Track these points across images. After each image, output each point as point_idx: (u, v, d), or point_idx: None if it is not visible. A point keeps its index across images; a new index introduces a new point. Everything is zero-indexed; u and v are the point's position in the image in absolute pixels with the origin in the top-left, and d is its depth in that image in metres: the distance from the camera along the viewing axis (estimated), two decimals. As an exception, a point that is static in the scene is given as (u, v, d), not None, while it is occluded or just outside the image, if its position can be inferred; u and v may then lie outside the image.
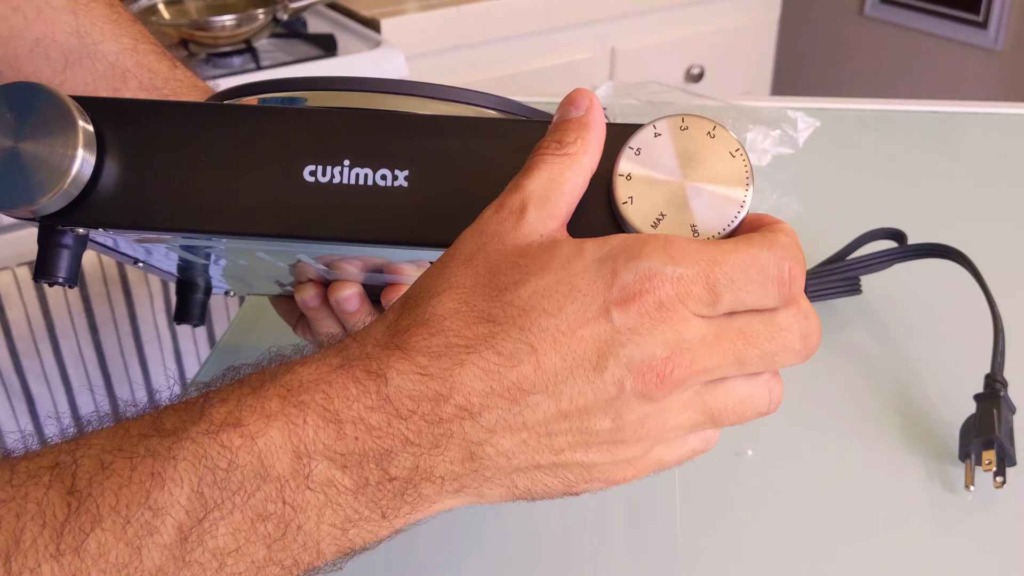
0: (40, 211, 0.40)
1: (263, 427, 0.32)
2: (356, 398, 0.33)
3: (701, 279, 0.33)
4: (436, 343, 0.33)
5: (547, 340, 0.33)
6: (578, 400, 0.33)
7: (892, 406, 0.62)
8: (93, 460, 0.31)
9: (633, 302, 0.33)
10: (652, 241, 0.34)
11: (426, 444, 0.33)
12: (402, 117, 0.40)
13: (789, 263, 0.34)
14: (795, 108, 0.98)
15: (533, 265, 0.34)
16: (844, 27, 2.27)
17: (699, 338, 0.34)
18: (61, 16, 0.60)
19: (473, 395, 0.33)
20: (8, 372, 1.19)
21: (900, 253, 0.71)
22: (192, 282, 0.59)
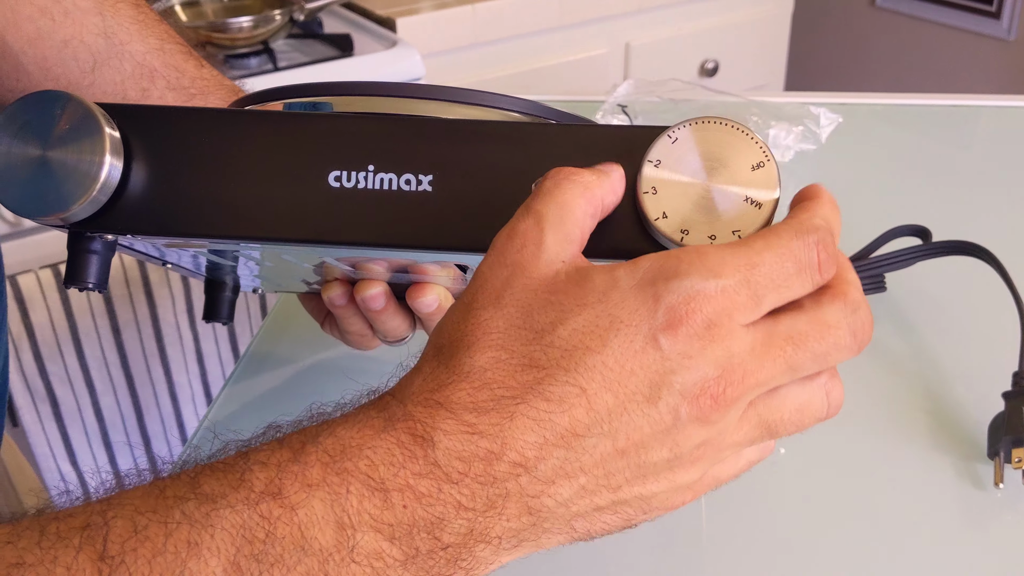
0: (70, 218, 0.40)
1: (304, 497, 0.30)
2: (402, 464, 0.31)
3: (744, 286, 0.32)
4: (481, 397, 0.32)
5: (596, 379, 0.31)
6: (634, 435, 0.32)
7: (920, 404, 0.61)
8: (126, 522, 0.30)
9: (681, 325, 0.31)
10: (686, 257, 0.32)
11: (480, 507, 0.31)
12: (426, 122, 0.40)
13: (817, 247, 0.33)
14: (817, 104, 0.98)
15: (568, 301, 0.33)
16: (857, 19, 2.26)
17: (748, 350, 0.32)
18: (88, 17, 0.60)
19: (527, 448, 0.31)
20: (32, 375, 1.19)
21: (924, 250, 0.70)
22: (220, 281, 0.59)
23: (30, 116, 0.39)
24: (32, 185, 0.39)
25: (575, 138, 0.39)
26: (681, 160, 0.37)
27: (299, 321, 0.68)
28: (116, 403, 1.29)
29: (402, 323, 0.55)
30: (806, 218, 0.34)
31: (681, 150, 0.37)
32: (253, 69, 1.44)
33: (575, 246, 0.35)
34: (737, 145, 0.37)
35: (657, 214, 0.36)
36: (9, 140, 0.39)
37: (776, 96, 1.06)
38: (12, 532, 0.30)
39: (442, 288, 0.53)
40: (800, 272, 0.33)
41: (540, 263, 0.34)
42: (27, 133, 0.39)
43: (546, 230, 0.34)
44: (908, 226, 0.73)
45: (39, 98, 0.40)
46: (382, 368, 0.66)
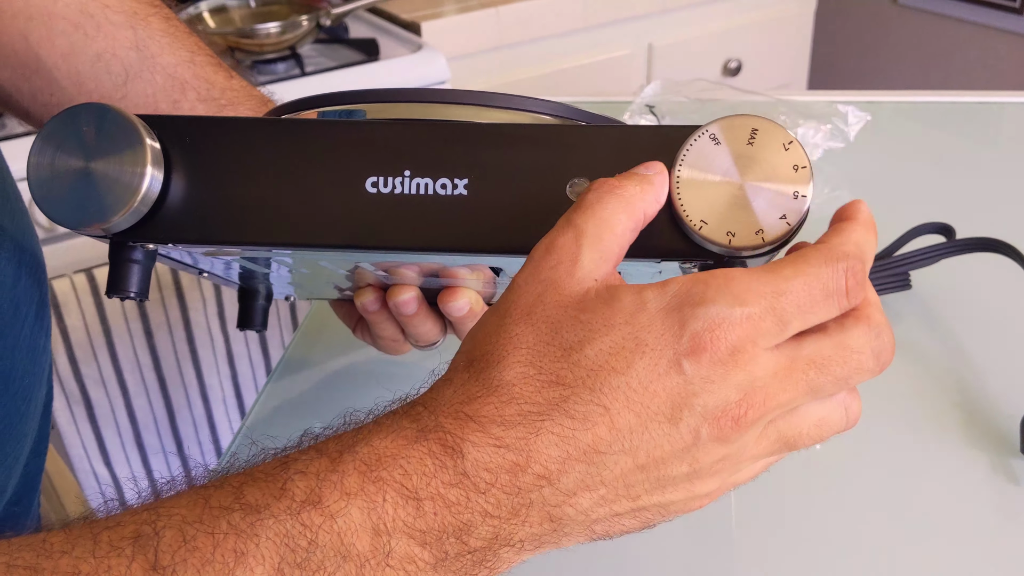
0: (112, 229, 0.41)
1: (343, 506, 0.32)
2: (434, 474, 0.32)
3: (769, 313, 0.33)
4: (509, 412, 0.33)
5: (619, 399, 0.33)
6: (655, 453, 0.33)
7: (951, 400, 0.61)
8: (175, 532, 0.31)
9: (705, 351, 0.32)
10: (713, 282, 0.33)
11: (505, 514, 0.33)
12: (460, 126, 0.41)
13: (846, 275, 0.34)
14: (846, 102, 0.98)
15: (596, 321, 0.33)
16: (879, 17, 2.25)
17: (771, 374, 0.33)
18: (120, 31, 0.61)
19: (550, 462, 0.32)
20: (67, 377, 1.21)
21: (949, 247, 0.70)
22: (254, 289, 0.60)
23: (73, 129, 0.40)
24: (75, 197, 0.40)
25: (608, 139, 0.40)
26: (714, 161, 0.37)
27: (332, 328, 0.69)
28: (149, 405, 1.30)
29: (434, 327, 0.56)
30: (837, 243, 0.35)
31: (713, 151, 0.37)
32: (280, 74, 1.46)
33: (610, 264, 0.35)
34: (768, 141, 0.37)
35: (692, 215, 0.37)
36: (52, 152, 0.40)
37: (804, 95, 1.06)
38: (66, 541, 0.32)
39: (473, 292, 0.53)
40: (827, 299, 0.34)
41: (573, 280, 0.34)
42: (70, 145, 0.40)
43: (583, 247, 0.35)
44: (932, 223, 0.73)
45: (81, 111, 0.40)
46: (413, 372, 0.67)
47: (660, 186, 0.37)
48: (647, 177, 0.37)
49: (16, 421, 0.50)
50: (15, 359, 0.49)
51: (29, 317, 0.51)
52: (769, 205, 0.37)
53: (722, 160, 0.37)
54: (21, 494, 0.55)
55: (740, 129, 0.37)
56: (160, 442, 1.34)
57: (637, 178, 0.37)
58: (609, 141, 0.40)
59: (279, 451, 0.35)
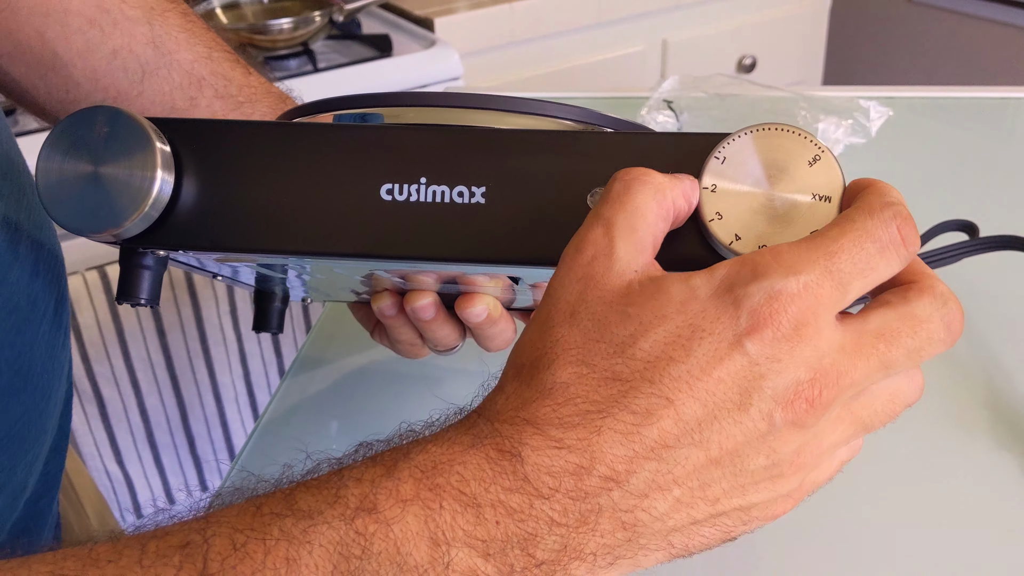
0: (122, 234, 0.40)
1: (399, 512, 0.30)
2: (493, 480, 0.31)
3: (827, 277, 0.31)
4: (567, 412, 0.31)
5: (682, 388, 0.31)
6: (727, 444, 0.31)
7: (980, 399, 0.61)
8: (224, 540, 0.30)
9: (766, 327, 0.31)
10: (762, 259, 0.31)
11: (573, 522, 0.31)
12: (477, 132, 0.40)
13: (895, 221, 0.32)
14: (867, 97, 0.97)
15: (645, 314, 0.32)
16: (893, 13, 2.24)
17: (839, 349, 0.32)
18: (137, 27, 0.61)
19: (616, 462, 0.31)
20: (80, 376, 1.21)
21: (972, 246, 0.69)
22: (270, 292, 0.59)
23: (81, 132, 0.39)
24: (84, 201, 0.39)
25: (630, 147, 0.39)
26: (742, 170, 0.36)
27: (346, 327, 0.69)
28: (161, 403, 1.30)
29: (452, 332, 0.55)
30: (875, 198, 0.33)
31: (740, 160, 0.36)
32: (293, 70, 1.45)
33: (647, 254, 0.34)
34: (795, 149, 0.36)
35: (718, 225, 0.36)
36: (61, 156, 0.39)
37: (825, 90, 1.05)
38: (113, 551, 0.31)
39: (491, 298, 0.53)
40: (883, 251, 0.32)
41: (612, 274, 0.33)
42: (78, 149, 0.39)
43: (616, 238, 0.33)
44: (955, 221, 0.72)
45: (90, 114, 0.39)
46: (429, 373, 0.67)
47: (691, 185, 0.36)
48: (676, 175, 0.36)
49: (35, 418, 0.49)
50: (33, 356, 0.49)
51: (47, 314, 0.50)
52: (799, 214, 0.35)
53: (750, 169, 0.36)
54: (41, 492, 0.54)
55: (770, 138, 0.36)
56: (172, 441, 1.34)
57: (668, 175, 0.35)
58: (631, 149, 0.39)
59: (334, 461, 0.34)
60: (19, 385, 0.47)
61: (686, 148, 0.38)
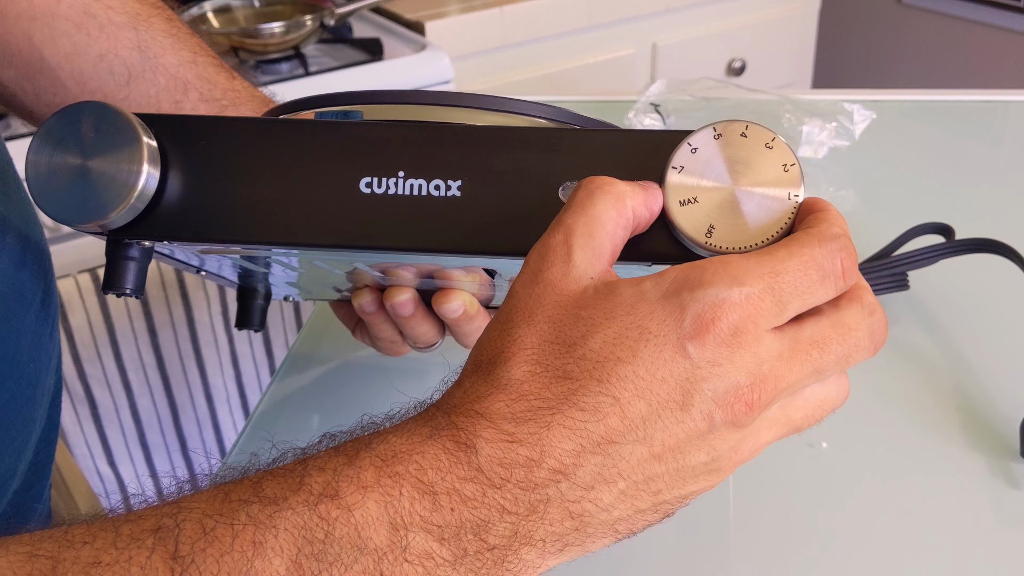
0: (108, 225, 0.41)
1: (360, 499, 0.32)
2: (449, 469, 0.32)
3: (768, 293, 0.33)
4: (519, 408, 0.33)
5: (628, 387, 0.33)
6: (670, 441, 0.33)
7: (949, 402, 0.61)
8: (195, 524, 0.32)
9: (708, 333, 0.33)
10: (710, 267, 0.33)
11: (523, 511, 0.32)
12: (454, 128, 0.41)
13: (840, 255, 0.34)
14: (851, 100, 0.98)
15: (597, 315, 0.34)
16: (883, 16, 2.25)
17: (776, 355, 0.34)
18: (123, 32, 0.62)
19: (564, 455, 0.32)
20: (71, 377, 1.21)
21: (947, 248, 0.70)
22: (252, 289, 0.60)
23: (70, 127, 0.40)
24: (72, 194, 0.40)
25: (600, 143, 0.40)
26: (705, 165, 0.37)
27: (336, 327, 0.69)
28: (153, 405, 1.31)
29: (431, 329, 0.56)
30: (826, 228, 0.35)
31: (704, 155, 0.37)
32: (284, 74, 1.46)
33: (604, 261, 0.36)
34: (760, 147, 0.37)
35: (683, 219, 0.37)
36: (51, 150, 0.40)
37: (810, 93, 1.06)
38: (88, 532, 0.32)
39: (467, 294, 0.54)
40: (824, 280, 0.34)
41: (569, 280, 0.35)
42: (67, 143, 0.40)
43: (575, 245, 0.35)
44: (930, 224, 0.73)
45: (79, 109, 0.41)
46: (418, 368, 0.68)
47: (653, 194, 0.37)
48: (639, 183, 0.37)
49: (22, 405, 0.50)
50: (20, 344, 0.50)
51: (34, 304, 0.51)
52: (760, 208, 0.37)
53: (713, 164, 0.37)
54: (31, 482, 0.55)
55: (730, 133, 0.37)
56: (164, 442, 1.34)
57: (631, 183, 0.37)
58: (601, 145, 0.40)
59: (299, 451, 0.35)
60: (4, 372, 0.48)
61: (652, 144, 0.39)
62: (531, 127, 0.42)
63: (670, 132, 0.39)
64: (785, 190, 0.37)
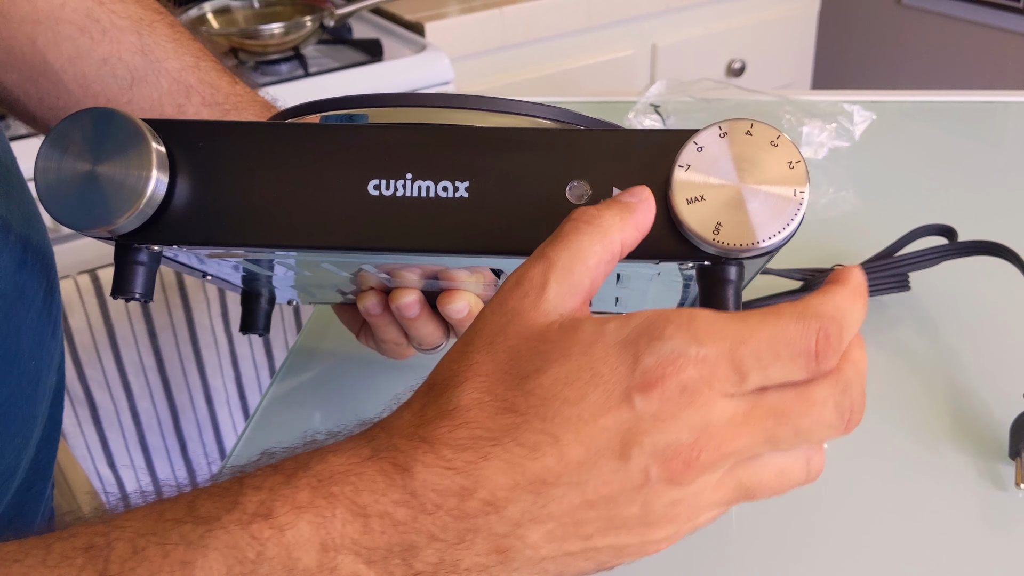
0: (117, 231, 0.41)
1: (293, 519, 0.32)
2: (383, 491, 0.32)
3: (726, 359, 0.31)
4: (460, 435, 0.33)
5: (569, 430, 0.32)
6: (603, 489, 0.32)
7: (942, 404, 0.61)
8: (126, 544, 0.32)
9: (655, 387, 0.31)
10: (676, 319, 0.32)
11: (451, 539, 0.32)
12: (461, 130, 0.41)
13: (817, 335, 0.32)
14: (852, 101, 0.98)
15: (555, 351, 0.33)
16: (883, 17, 2.25)
17: (727, 419, 0.32)
18: (126, 36, 0.62)
19: (498, 489, 0.32)
20: (71, 379, 1.21)
21: (949, 250, 0.70)
22: (256, 293, 0.60)
23: (80, 133, 0.41)
24: (81, 199, 0.40)
25: (605, 142, 0.40)
26: (712, 163, 0.38)
27: (335, 329, 0.69)
28: (153, 407, 1.31)
29: (436, 330, 0.56)
30: (816, 303, 0.33)
31: (710, 153, 0.38)
32: (284, 75, 1.46)
33: (578, 298, 0.35)
34: (765, 145, 0.38)
35: (689, 217, 0.37)
36: (60, 156, 0.40)
37: (810, 94, 1.06)
38: (19, 550, 0.32)
39: (472, 295, 0.54)
40: (793, 358, 0.32)
41: (537, 313, 0.34)
42: (77, 149, 0.40)
43: (551, 280, 0.34)
44: (933, 225, 0.73)
45: (88, 115, 0.41)
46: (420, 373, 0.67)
47: (643, 213, 0.37)
48: (628, 205, 0.37)
49: (22, 402, 0.51)
50: (21, 341, 0.50)
51: (36, 302, 0.52)
52: (765, 206, 0.37)
53: (719, 162, 0.38)
54: (32, 481, 0.55)
55: (735, 131, 0.38)
56: (164, 444, 1.34)
57: (618, 207, 0.36)
58: (607, 144, 0.40)
59: (236, 469, 0.35)
60: (5, 368, 0.49)
61: (657, 143, 0.39)
62: (536, 128, 0.42)
63: (676, 131, 0.39)
64: (791, 187, 0.37)
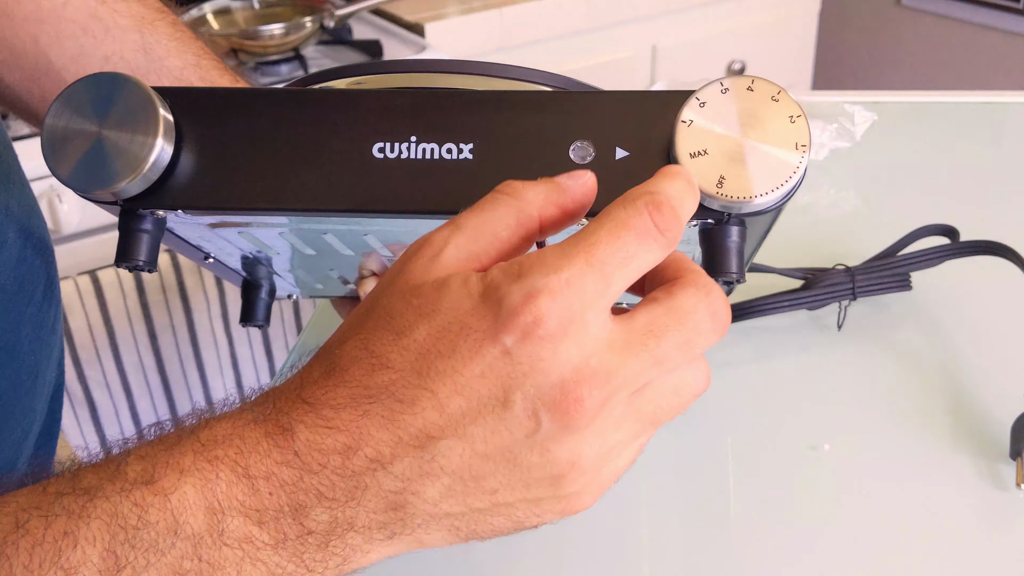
0: (122, 194, 0.41)
1: (176, 483, 0.31)
2: (267, 453, 0.32)
3: (588, 270, 0.31)
4: (340, 394, 0.32)
5: (446, 382, 0.31)
6: (494, 439, 0.32)
7: (942, 403, 0.61)
8: (9, 519, 0.31)
9: (527, 326, 0.31)
10: (527, 258, 0.32)
11: (341, 497, 0.32)
12: (464, 94, 0.42)
13: (647, 209, 0.32)
14: (852, 102, 0.98)
15: (426, 306, 0.33)
16: (883, 18, 2.26)
17: (606, 347, 0.31)
18: (128, 35, 0.62)
19: (382, 445, 0.32)
20: (71, 380, 1.21)
21: (951, 250, 0.70)
22: (257, 283, 0.60)
23: (90, 95, 0.41)
24: (87, 161, 0.40)
25: (607, 104, 0.41)
26: (714, 118, 0.38)
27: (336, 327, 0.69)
28: (152, 407, 1.31)
29: None
30: (635, 190, 0.33)
31: (712, 109, 0.38)
32: (284, 76, 1.46)
33: (475, 265, 0.34)
34: (766, 100, 0.38)
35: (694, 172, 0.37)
36: (68, 116, 0.41)
37: (811, 95, 1.06)
38: None
39: None
40: (640, 238, 0.32)
41: (425, 272, 0.34)
42: (86, 111, 0.41)
43: (450, 243, 0.34)
44: (936, 225, 0.73)
45: (100, 79, 0.41)
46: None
47: (573, 194, 0.36)
48: (558, 185, 0.36)
49: (22, 395, 0.51)
50: (20, 334, 0.50)
51: (36, 296, 0.52)
52: (768, 159, 0.37)
53: (721, 117, 0.38)
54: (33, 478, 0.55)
55: (737, 87, 0.38)
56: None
57: (546, 185, 0.35)
58: (609, 105, 0.41)
59: (121, 442, 0.35)
60: (5, 360, 0.49)
61: (658, 104, 0.40)
62: (541, 91, 0.43)
63: (677, 92, 0.39)
64: (792, 140, 0.38)
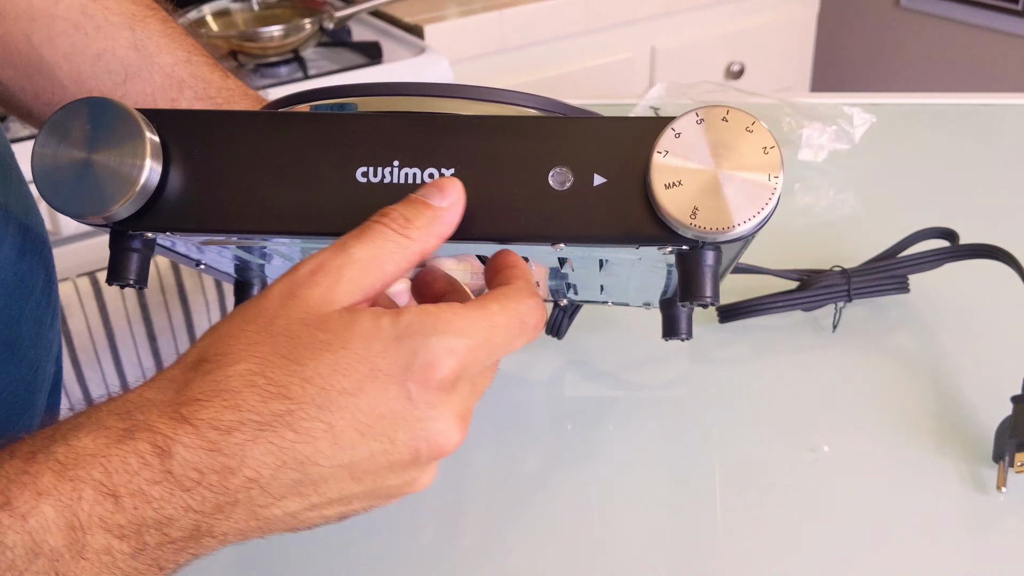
0: (112, 218, 0.42)
1: (34, 505, 0.31)
2: (137, 472, 0.32)
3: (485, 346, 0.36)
4: (228, 418, 0.33)
5: (346, 418, 0.34)
6: (372, 467, 0.35)
7: (932, 405, 0.61)
8: None
9: (432, 378, 0.35)
10: (442, 315, 0.35)
11: (209, 510, 0.33)
12: (446, 118, 0.42)
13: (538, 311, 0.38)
14: (851, 104, 0.98)
15: (334, 341, 0.34)
16: (882, 19, 2.26)
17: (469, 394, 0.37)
18: (119, 32, 0.62)
19: (263, 468, 0.33)
20: (70, 382, 1.21)
21: (949, 253, 0.70)
22: (249, 283, 0.61)
23: (76, 121, 0.41)
24: (77, 187, 0.41)
25: (587, 130, 0.41)
26: (689, 149, 0.38)
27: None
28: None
29: None
30: (523, 284, 0.39)
31: (687, 140, 0.38)
32: (283, 77, 1.46)
33: (365, 296, 0.37)
34: (740, 131, 0.38)
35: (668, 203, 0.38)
36: (56, 144, 0.41)
37: (810, 96, 1.06)
38: None
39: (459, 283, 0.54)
40: (523, 333, 0.38)
41: (323, 303, 0.35)
42: (73, 138, 0.41)
43: (345, 276, 0.36)
44: (935, 228, 0.73)
45: (84, 104, 0.41)
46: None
47: (448, 219, 0.39)
48: (436, 215, 0.38)
49: (23, 389, 0.51)
50: (20, 329, 0.50)
51: (35, 291, 0.52)
52: (741, 191, 0.38)
53: (696, 148, 0.38)
54: None
55: (712, 118, 0.39)
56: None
57: (427, 218, 0.38)
58: (588, 131, 0.41)
59: None
60: (6, 355, 0.49)
61: (637, 130, 0.40)
62: (519, 116, 0.43)
63: (655, 119, 0.40)
64: (765, 172, 0.38)
